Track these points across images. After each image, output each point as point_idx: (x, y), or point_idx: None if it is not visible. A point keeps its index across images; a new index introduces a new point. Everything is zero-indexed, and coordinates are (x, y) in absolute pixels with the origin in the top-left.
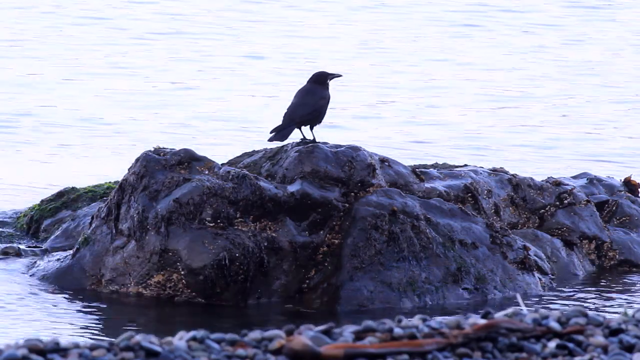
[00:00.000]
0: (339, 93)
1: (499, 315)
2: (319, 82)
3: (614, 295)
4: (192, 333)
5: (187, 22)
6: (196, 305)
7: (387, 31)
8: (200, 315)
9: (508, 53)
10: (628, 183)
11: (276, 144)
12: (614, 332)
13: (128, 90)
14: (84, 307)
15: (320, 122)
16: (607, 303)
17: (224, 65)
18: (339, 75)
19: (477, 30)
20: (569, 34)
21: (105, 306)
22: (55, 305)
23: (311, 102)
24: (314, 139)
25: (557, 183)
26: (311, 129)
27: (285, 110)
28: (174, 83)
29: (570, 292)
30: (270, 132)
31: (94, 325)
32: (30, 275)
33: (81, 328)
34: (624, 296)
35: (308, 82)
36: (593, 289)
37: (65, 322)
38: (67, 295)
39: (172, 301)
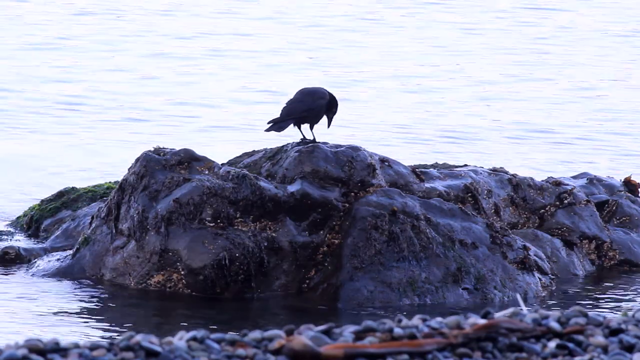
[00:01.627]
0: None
1: (499, 315)
2: (330, 95)
3: (614, 295)
4: (192, 333)
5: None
6: (197, 301)
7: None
8: (201, 312)
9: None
10: (628, 183)
11: (276, 144)
12: (614, 332)
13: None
14: (84, 307)
15: (318, 121)
16: (607, 303)
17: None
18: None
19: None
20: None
21: (105, 306)
22: (55, 305)
23: (310, 100)
24: (314, 138)
25: (557, 183)
26: (311, 128)
27: (284, 105)
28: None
29: (570, 292)
30: (268, 123)
31: (94, 324)
32: (31, 275)
33: (81, 328)
34: (624, 296)
35: (322, 88)
36: (593, 289)
37: (66, 322)
38: (67, 295)
39: (173, 298)
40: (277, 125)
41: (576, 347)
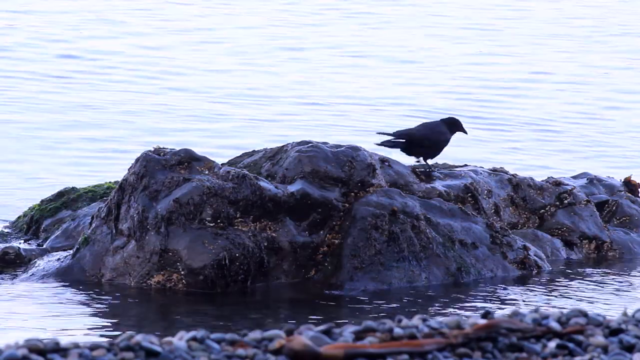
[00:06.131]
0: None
1: (499, 315)
2: (448, 124)
3: (613, 294)
4: (192, 333)
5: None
6: (197, 301)
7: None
8: (201, 311)
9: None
10: (628, 183)
11: (277, 145)
12: (614, 332)
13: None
14: (84, 307)
15: (435, 156)
16: (607, 303)
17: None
18: (465, 133)
19: None
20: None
21: (105, 306)
22: (55, 306)
23: (429, 133)
24: (428, 166)
25: (557, 183)
26: (425, 159)
27: (400, 129)
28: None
29: (570, 292)
30: (383, 136)
31: (94, 325)
32: (30, 276)
33: (81, 328)
34: (623, 296)
35: (440, 120)
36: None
37: (66, 322)
38: (67, 296)
39: (173, 298)
40: (389, 142)
41: (576, 347)
